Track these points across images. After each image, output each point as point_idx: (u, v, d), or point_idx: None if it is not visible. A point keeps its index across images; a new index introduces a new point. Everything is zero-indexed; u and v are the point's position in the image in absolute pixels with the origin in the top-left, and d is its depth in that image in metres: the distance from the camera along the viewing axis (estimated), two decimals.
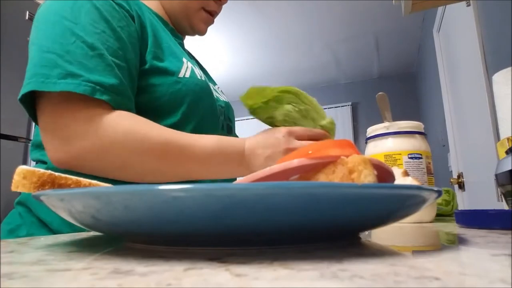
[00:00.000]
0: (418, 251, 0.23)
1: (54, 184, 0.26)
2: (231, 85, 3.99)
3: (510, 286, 0.12)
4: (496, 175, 0.46)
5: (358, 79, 4.12)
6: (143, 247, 0.22)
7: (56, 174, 0.26)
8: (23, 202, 0.54)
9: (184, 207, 0.18)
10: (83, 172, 0.49)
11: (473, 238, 0.28)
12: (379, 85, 3.96)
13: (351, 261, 0.17)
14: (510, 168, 0.43)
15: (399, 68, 3.86)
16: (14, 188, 0.25)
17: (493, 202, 1.37)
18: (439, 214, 0.64)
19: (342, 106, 4.10)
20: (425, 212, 0.50)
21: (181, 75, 0.58)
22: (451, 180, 1.99)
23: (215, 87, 0.72)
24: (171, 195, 0.17)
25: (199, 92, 0.60)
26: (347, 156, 0.25)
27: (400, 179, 0.50)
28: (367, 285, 0.12)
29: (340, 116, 4.06)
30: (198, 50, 3.15)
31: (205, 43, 3.14)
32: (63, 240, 0.30)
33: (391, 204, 0.21)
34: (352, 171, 0.24)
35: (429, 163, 0.65)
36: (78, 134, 0.46)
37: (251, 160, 0.54)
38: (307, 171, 0.26)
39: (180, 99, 0.57)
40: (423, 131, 0.66)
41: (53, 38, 0.47)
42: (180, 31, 0.71)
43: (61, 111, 0.47)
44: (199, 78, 0.61)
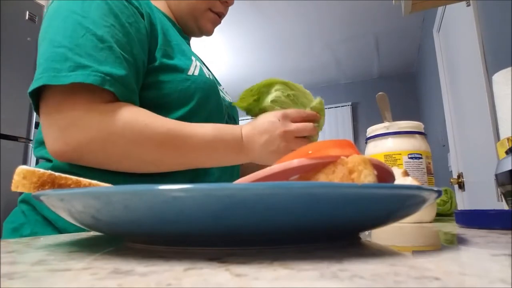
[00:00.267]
0: (418, 251, 0.23)
1: (54, 184, 0.26)
2: (231, 85, 3.99)
3: (510, 286, 0.12)
4: (496, 175, 0.46)
5: (358, 79, 4.12)
6: (143, 247, 0.22)
7: (56, 174, 0.26)
8: (27, 200, 0.54)
9: (184, 207, 0.18)
10: (83, 164, 0.49)
11: (473, 238, 0.28)
12: (379, 85, 3.96)
13: (351, 261, 0.17)
14: (510, 168, 0.43)
15: (399, 68, 3.86)
16: (14, 188, 0.25)
17: (493, 202, 1.37)
18: (437, 214, 0.64)
19: (342, 106, 4.10)
20: (425, 212, 0.50)
21: (190, 72, 0.59)
22: (451, 180, 1.99)
23: (220, 88, 0.72)
24: (171, 195, 0.17)
25: (207, 90, 0.61)
26: (347, 156, 0.25)
27: (400, 179, 0.50)
28: (367, 285, 0.12)
29: (340, 116, 4.06)
30: (198, 50, 3.15)
31: (205, 43, 3.14)
32: (63, 240, 0.30)
33: (391, 204, 0.21)
34: (352, 171, 0.24)
35: (429, 163, 0.65)
36: (77, 123, 0.47)
37: (249, 147, 0.55)
38: (307, 171, 0.26)
39: (189, 96, 0.58)
40: (423, 131, 0.66)
41: (63, 32, 0.48)
42: (187, 31, 0.72)
43: (63, 101, 0.47)
44: (207, 76, 0.62)
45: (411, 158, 0.63)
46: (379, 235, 0.31)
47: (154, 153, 0.50)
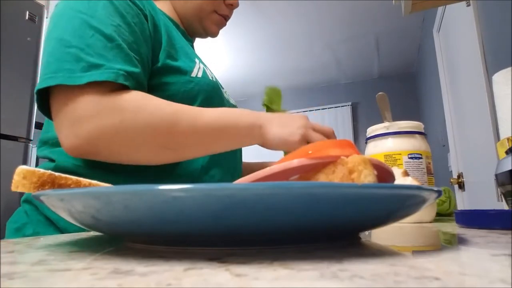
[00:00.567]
0: (418, 251, 0.23)
1: (54, 184, 0.26)
2: (232, 85, 3.99)
3: (510, 286, 0.12)
4: (496, 175, 0.46)
5: (358, 79, 4.12)
6: (143, 247, 0.22)
7: (56, 174, 0.26)
8: (29, 200, 0.54)
9: (184, 207, 0.18)
10: (98, 158, 0.49)
11: (473, 238, 0.28)
12: (379, 85, 3.96)
13: (351, 261, 0.17)
14: (510, 168, 0.43)
15: (399, 68, 3.86)
16: (14, 188, 0.25)
17: (493, 202, 1.37)
18: (436, 214, 0.64)
19: (342, 106, 4.10)
20: (425, 212, 0.50)
21: (193, 74, 0.59)
22: (451, 180, 1.99)
23: (223, 91, 0.73)
24: (171, 195, 0.17)
25: (211, 92, 0.61)
26: (347, 156, 0.25)
27: (400, 179, 0.50)
28: (367, 285, 0.12)
29: (340, 116, 4.06)
30: (198, 50, 3.15)
31: (205, 43, 3.14)
32: (63, 240, 0.30)
33: (391, 204, 0.21)
34: (352, 171, 0.24)
35: (429, 163, 0.65)
36: (88, 114, 0.46)
37: (266, 128, 0.55)
38: (307, 171, 0.26)
39: (192, 98, 0.58)
40: (423, 131, 0.67)
41: (72, 32, 0.48)
42: (191, 33, 0.72)
43: (73, 98, 0.47)
44: (211, 78, 0.63)
45: (411, 158, 0.63)
46: (379, 235, 0.31)
47: (166, 136, 0.50)
